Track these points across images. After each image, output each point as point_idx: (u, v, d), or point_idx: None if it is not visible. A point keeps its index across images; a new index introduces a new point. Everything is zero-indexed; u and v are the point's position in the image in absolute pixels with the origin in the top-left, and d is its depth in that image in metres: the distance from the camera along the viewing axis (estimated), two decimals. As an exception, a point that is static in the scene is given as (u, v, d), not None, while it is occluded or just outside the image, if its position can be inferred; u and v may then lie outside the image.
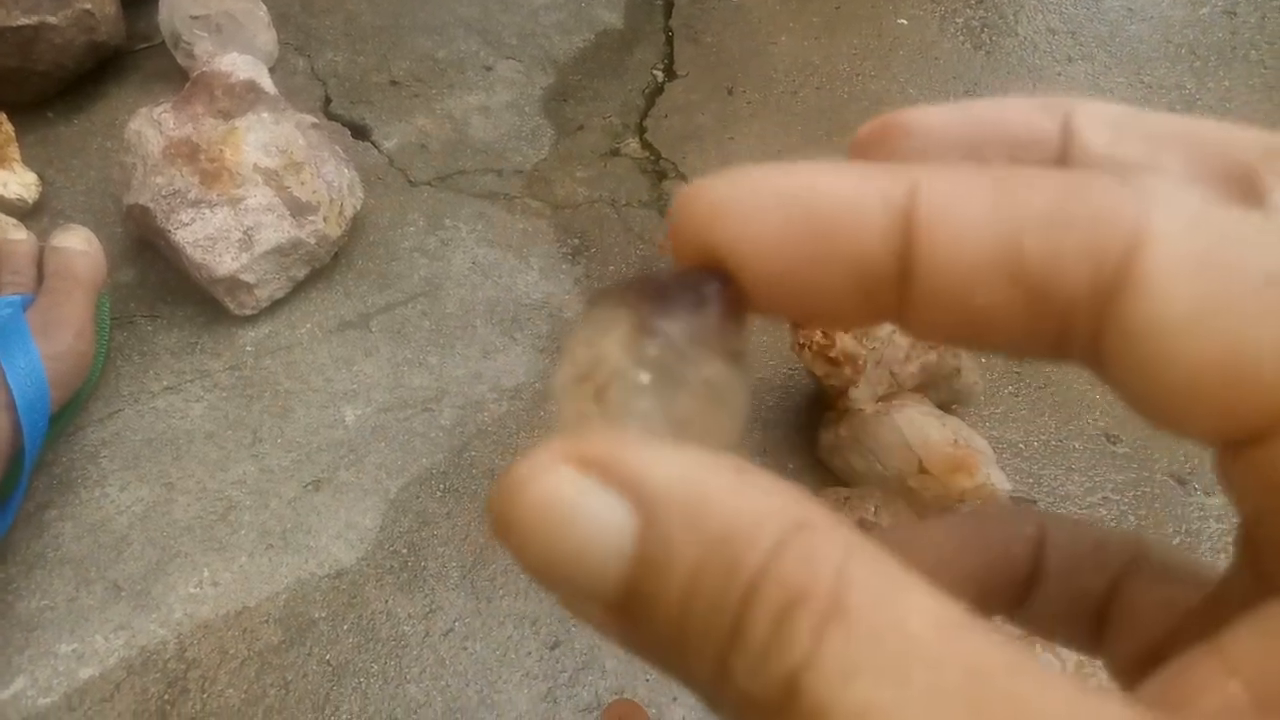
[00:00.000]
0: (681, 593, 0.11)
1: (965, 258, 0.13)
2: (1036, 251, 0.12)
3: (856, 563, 0.11)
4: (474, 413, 0.69)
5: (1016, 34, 1.05)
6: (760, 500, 0.12)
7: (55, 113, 0.83)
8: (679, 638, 0.12)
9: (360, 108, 0.89)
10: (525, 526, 0.12)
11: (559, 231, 0.81)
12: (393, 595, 0.60)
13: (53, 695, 0.54)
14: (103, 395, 0.66)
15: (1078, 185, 0.13)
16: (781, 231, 0.14)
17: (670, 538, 0.11)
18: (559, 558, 0.12)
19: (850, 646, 0.11)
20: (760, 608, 0.11)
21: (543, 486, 0.12)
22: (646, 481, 0.12)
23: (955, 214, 0.13)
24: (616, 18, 1.02)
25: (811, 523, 0.11)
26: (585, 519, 0.12)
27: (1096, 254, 0.12)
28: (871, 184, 0.13)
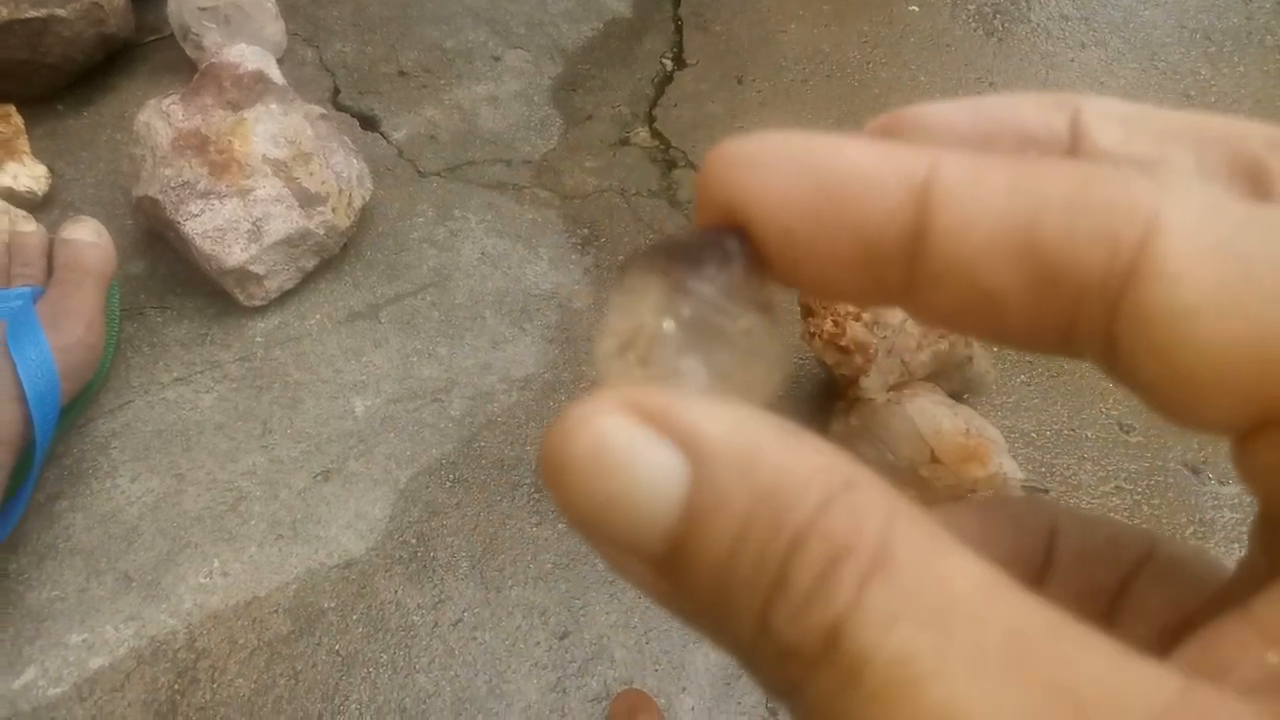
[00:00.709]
0: (729, 542, 0.11)
1: (978, 236, 0.13)
2: (1051, 234, 0.12)
3: (901, 522, 0.11)
4: (483, 403, 0.69)
5: (1029, 20, 1.04)
6: (811, 458, 0.12)
7: (65, 105, 0.83)
8: (722, 589, 0.12)
9: (369, 98, 0.89)
10: (578, 470, 0.12)
11: (568, 221, 0.81)
12: (402, 585, 0.60)
13: (63, 685, 0.55)
14: (113, 387, 0.67)
15: (1095, 173, 0.13)
16: (799, 192, 0.14)
17: (721, 488, 0.12)
18: (610, 503, 0.12)
19: (893, 598, 0.11)
20: (805, 558, 0.11)
21: (598, 430, 0.12)
22: (700, 433, 0.12)
23: (972, 193, 0.13)
24: (625, 6, 1.01)
25: (859, 482, 0.12)
26: (639, 465, 0.12)
27: (1112, 239, 0.12)
28: (893, 159, 0.13)
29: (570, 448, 0.12)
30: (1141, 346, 0.12)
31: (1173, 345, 0.12)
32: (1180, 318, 0.12)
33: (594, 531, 0.12)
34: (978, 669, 0.10)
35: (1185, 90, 0.97)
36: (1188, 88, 0.98)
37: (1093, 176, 0.12)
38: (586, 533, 0.12)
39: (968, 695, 0.10)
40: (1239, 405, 0.12)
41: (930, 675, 0.10)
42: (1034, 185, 0.13)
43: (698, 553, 0.12)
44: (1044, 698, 0.10)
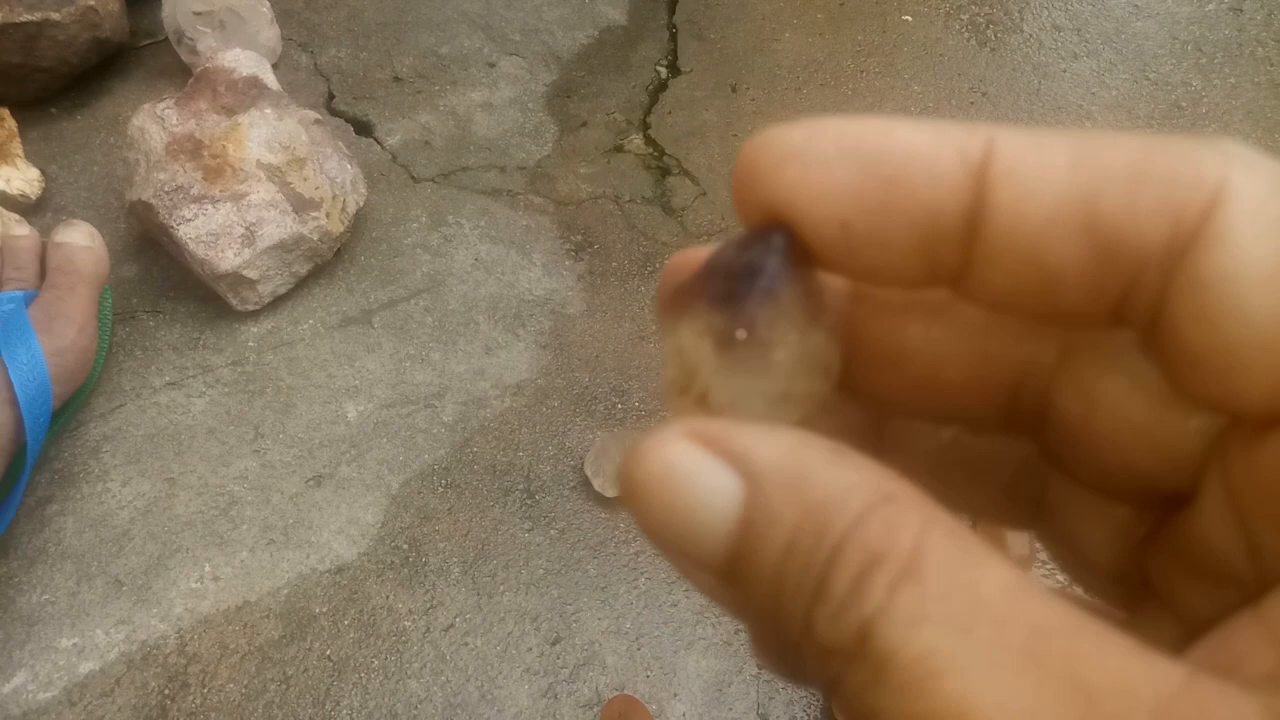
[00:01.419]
0: (779, 552, 0.12)
1: (1040, 210, 0.13)
2: (1114, 205, 0.12)
3: (935, 533, 0.12)
4: (476, 409, 0.69)
5: (1022, 30, 1.05)
6: (852, 474, 0.13)
7: (59, 109, 0.83)
8: (775, 594, 0.13)
9: (363, 104, 0.89)
10: (649, 491, 0.13)
11: (562, 228, 0.81)
12: (394, 591, 0.60)
13: (53, 690, 0.54)
14: (105, 390, 0.66)
15: (1158, 145, 0.13)
16: (851, 178, 0.14)
17: (772, 504, 0.13)
18: (677, 518, 0.13)
19: (920, 601, 0.11)
20: (843, 565, 0.12)
21: (664, 456, 0.13)
22: (753, 456, 0.13)
23: (1032, 168, 0.13)
24: (620, 14, 1.02)
25: (897, 495, 0.12)
26: (700, 485, 0.13)
27: (1176, 209, 0.12)
28: (948, 137, 0.13)
29: (642, 471, 0.13)
30: (1193, 312, 0.12)
31: (1225, 311, 0.12)
32: (1236, 284, 0.12)
33: (666, 544, 0.14)
34: (994, 664, 0.11)
35: (1176, 101, 0.98)
36: (1179, 99, 0.98)
37: (1155, 148, 0.13)
38: (660, 546, 0.14)
39: (982, 687, 0.11)
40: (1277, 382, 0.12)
41: (948, 669, 0.11)
42: (1096, 158, 0.13)
43: (753, 562, 0.13)
44: (1055, 688, 0.11)
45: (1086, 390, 0.16)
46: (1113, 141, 0.13)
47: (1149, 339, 0.14)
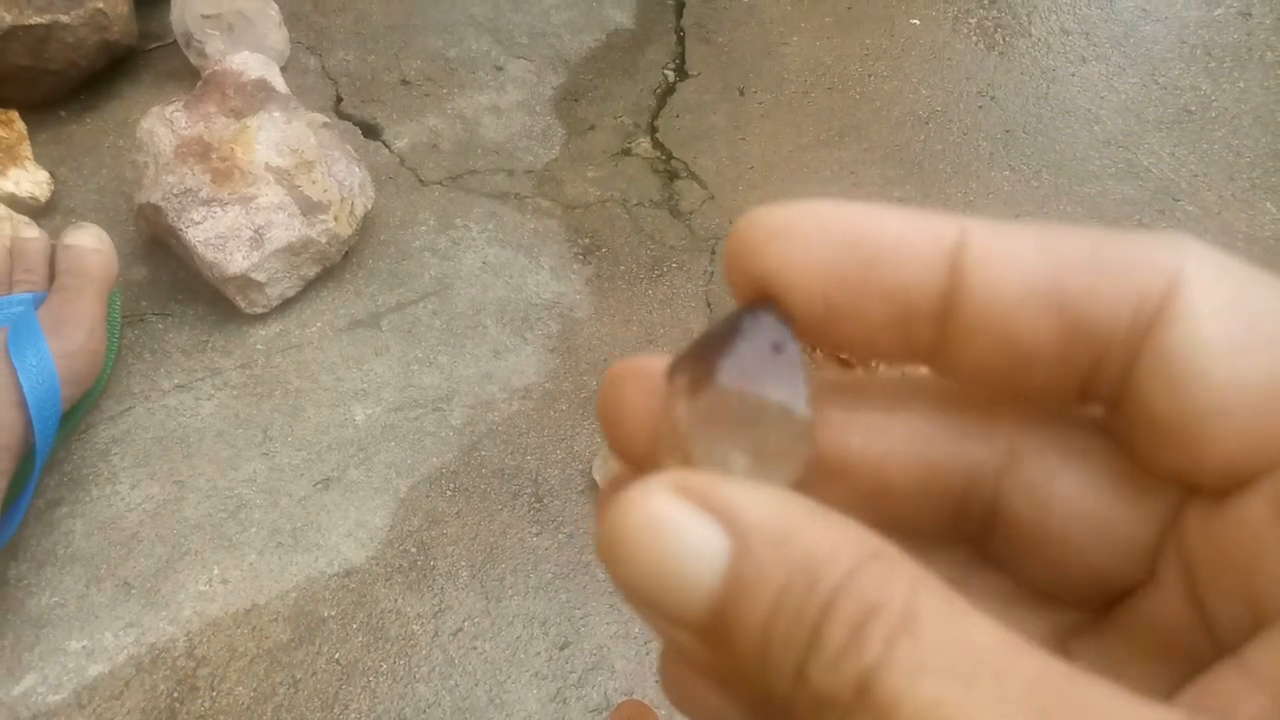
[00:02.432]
0: (767, 607, 0.13)
1: (1012, 292, 0.14)
2: (1080, 288, 0.14)
3: (925, 588, 0.12)
4: (484, 412, 0.69)
5: (1030, 35, 1.04)
6: (839, 533, 0.13)
7: (67, 111, 0.83)
8: (761, 649, 0.13)
9: (371, 107, 0.89)
10: (630, 544, 0.13)
11: (570, 231, 0.81)
12: (402, 594, 0.60)
13: (62, 692, 0.54)
14: (114, 393, 0.66)
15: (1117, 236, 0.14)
16: (834, 257, 0.15)
17: (759, 559, 0.13)
18: (658, 574, 0.13)
19: (920, 652, 0.11)
20: (838, 617, 0.12)
21: (651, 506, 0.13)
22: (740, 512, 0.13)
23: (1003, 253, 0.14)
24: (628, 17, 1.02)
25: (886, 553, 0.13)
26: (686, 538, 0.13)
27: (1138, 291, 0.13)
28: (925, 224, 0.15)
29: (625, 523, 0.13)
30: (1159, 383, 0.13)
31: (1189, 380, 0.13)
32: (1199, 356, 0.13)
33: (644, 601, 0.13)
34: (1002, 714, 0.11)
35: (1186, 105, 0.98)
36: (1188, 103, 0.98)
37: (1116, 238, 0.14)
38: (637, 602, 0.14)
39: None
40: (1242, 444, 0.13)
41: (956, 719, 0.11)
42: (1061, 246, 0.14)
43: (739, 617, 0.13)
44: None
45: (1038, 490, 0.16)
46: (1075, 232, 0.14)
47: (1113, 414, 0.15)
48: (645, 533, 0.13)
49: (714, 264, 0.80)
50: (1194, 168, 0.91)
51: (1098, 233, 0.14)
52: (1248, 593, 0.14)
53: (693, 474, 0.14)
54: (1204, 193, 0.89)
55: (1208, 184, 0.90)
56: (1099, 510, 0.16)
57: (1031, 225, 0.14)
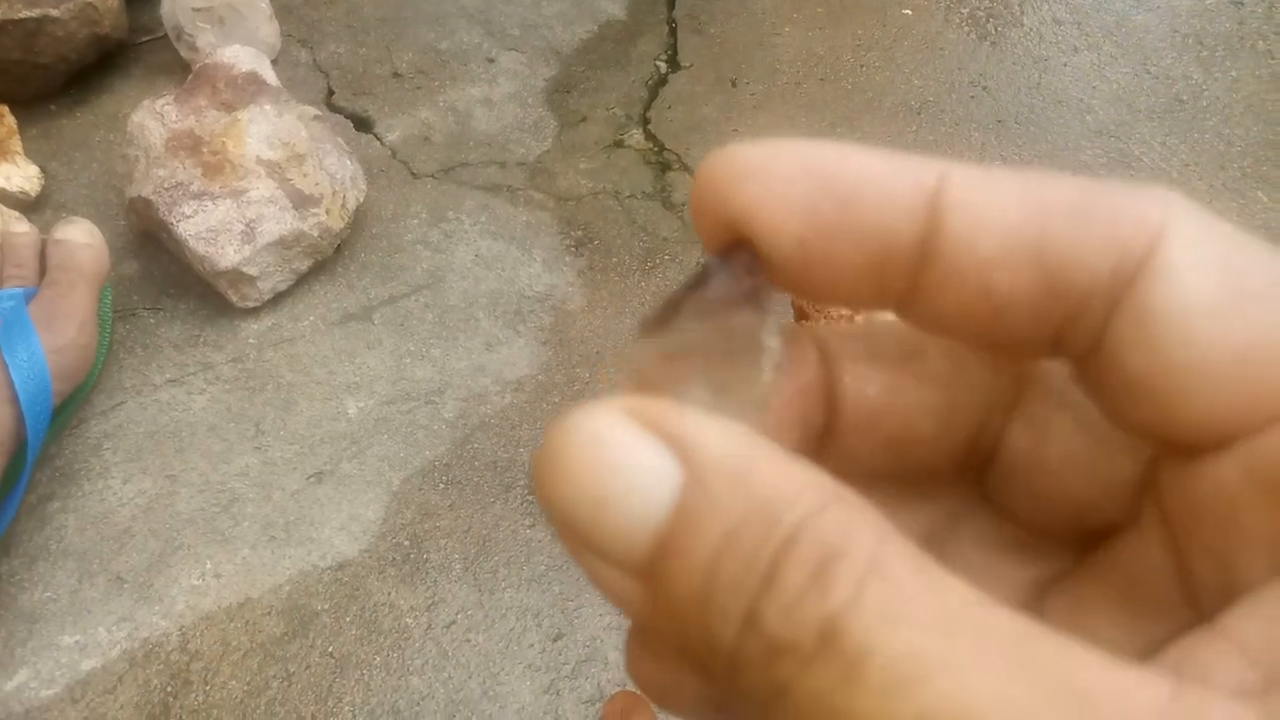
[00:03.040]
0: (716, 546, 0.11)
1: (990, 240, 0.13)
2: (1062, 239, 0.13)
3: (892, 541, 0.11)
4: (477, 405, 0.69)
5: (1022, 24, 1.04)
6: (803, 474, 0.12)
7: (58, 105, 0.83)
8: (705, 592, 0.11)
9: (363, 100, 0.88)
10: (572, 466, 0.12)
11: (562, 223, 0.81)
12: (395, 587, 0.60)
13: (55, 687, 0.54)
14: (105, 388, 0.66)
15: (1103, 186, 0.13)
16: (808, 198, 0.14)
17: (713, 493, 0.11)
18: (600, 501, 0.12)
19: (893, 600, 0.11)
20: (798, 556, 0.11)
21: (597, 428, 0.12)
22: (697, 443, 0.12)
23: (984, 200, 0.13)
24: (619, 8, 1.01)
25: (851, 500, 0.12)
26: (633, 465, 0.12)
27: (1121, 244, 0.13)
28: (904, 165, 0.14)
29: (567, 444, 0.12)
30: (1137, 339, 0.13)
31: (1169, 338, 0.13)
32: (1179, 314, 0.13)
33: (580, 533, 0.12)
34: (985, 667, 0.10)
35: (1178, 94, 0.98)
36: (1180, 92, 0.98)
37: (1101, 188, 0.13)
38: (571, 533, 0.12)
39: (977, 690, 0.10)
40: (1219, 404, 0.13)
41: (938, 670, 0.10)
42: (1044, 195, 0.13)
43: (684, 555, 0.12)
44: (1053, 694, 0.10)
45: (1037, 425, 0.16)
46: (1059, 181, 0.13)
47: (1084, 369, 0.14)
48: (587, 454, 0.12)
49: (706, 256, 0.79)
50: (1185, 157, 0.91)
51: (1082, 182, 0.14)
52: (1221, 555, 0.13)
53: (650, 400, 0.12)
54: (1195, 182, 0.89)
55: (1199, 173, 0.90)
56: (1090, 444, 0.16)
57: (1015, 172, 0.14)
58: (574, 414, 0.12)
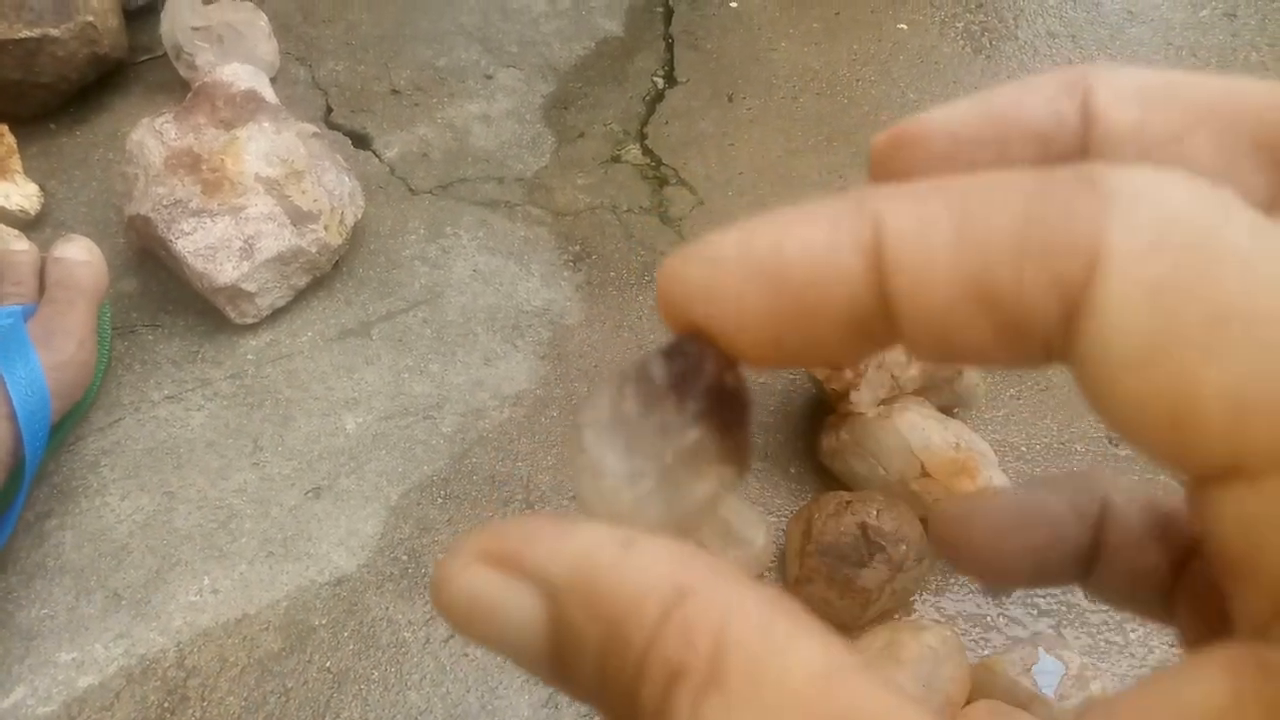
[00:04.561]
0: (594, 666, 0.13)
1: (937, 297, 0.13)
2: (1005, 286, 0.12)
3: (736, 625, 0.12)
4: (475, 420, 0.69)
5: (1016, 38, 1.05)
6: (643, 574, 0.13)
7: (57, 124, 0.83)
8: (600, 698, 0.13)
9: (361, 117, 0.89)
10: (454, 619, 0.14)
11: (560, 239, 0.81)
12: (393, 602, 0.60)
13: (52, 704, 0.54)
14: (104, 404, 0.67)
15: (1039, 200, 0.12)
16: (764, 303, 0.14)
17: (574, 621, 0.13)
18: (489, 641, 0.14)
19: (724, 713, 0.11)
20: (648, 684, 0.12)
21: (460, 586, 0.14)
22: (547, 572, 0.13)
23: (920, 251, 0.13)
24: (617, 25, 1.02)
25: (693, 588, 0.12)
26: (500, 612, 0.13)
27: (1060, 280, 0.12)
28: (837, 232, 0.13)
29: (444, 601, 0.14)
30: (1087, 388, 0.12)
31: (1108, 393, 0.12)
32: (1112, 367, 0.12)
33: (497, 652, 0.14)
34: None
35: (1172, 106, 0.98)
36: (1174, 104, 0.98)
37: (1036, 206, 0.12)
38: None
39: None
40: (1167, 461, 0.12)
41: None
42: (978, 228, 0.12)
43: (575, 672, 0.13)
44: None
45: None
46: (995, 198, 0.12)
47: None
48: (465, 611, 0.14)
49: (704, 269, 0.80)
50: (1181, 169, 0.92)
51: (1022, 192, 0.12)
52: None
53: (500, 535, 0.14)
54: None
55: (1195, 185, 0.90)
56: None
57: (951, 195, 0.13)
58: (442, 569, 0.14)
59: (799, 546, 0.60)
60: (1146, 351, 0.11)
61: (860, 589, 0.57)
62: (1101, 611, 0.63)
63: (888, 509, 0.58)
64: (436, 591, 0.14)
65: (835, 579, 0.57)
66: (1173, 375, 0.11)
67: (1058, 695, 0.54)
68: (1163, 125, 0.15)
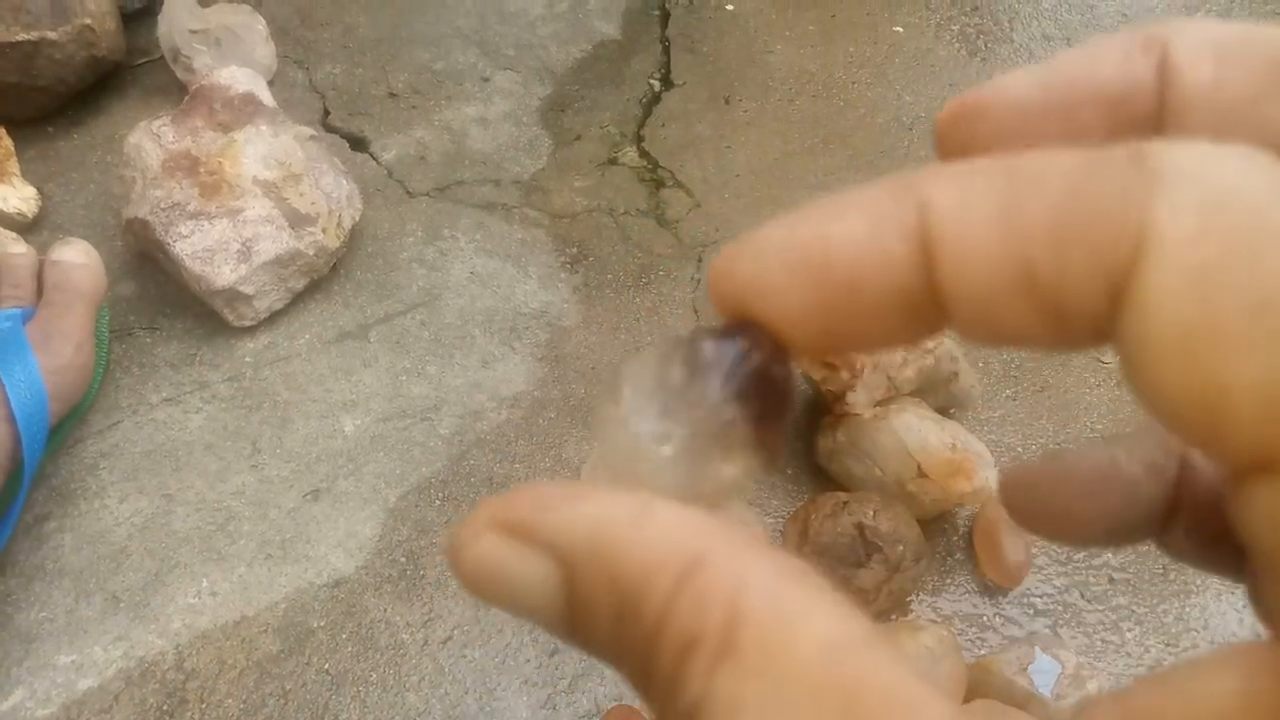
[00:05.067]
0: (609, 632, 0.13)
1: (983, 282, 0.13)
2: (1047, 271, 0.12)
3: (750, 594, 0.12)
4: (473, 422, 0.69)
5: (1012, 41, 1.05)
6: (658, 543, 0.13)
7: (55, 127, 0.83)
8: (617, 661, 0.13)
9: (358, 120, 0.89)
10: (472, 586, 0.14)
11: (557, 241, 0.81)
12: (391, 604, 0.60)
13: (51, 707, 0.54)
14: (102, 407, 0.67)
15: (1086, 180, 0.12)
16: (813, 299, 0.14)
17: (588, 587, 0.13)
18: (505, 605, 0.14)
19: (737, 683, 0.11)
20: (663, 653, 0.12)
21: (473, 554, 0.14)
22: (561, 539, 0.13)
23: (966, 237, 0.13)
24: (613, 28, 1.02)
25: (707, 557, 0.12)
26: (515, 579, 0.14)
27: (1104, 267, 0.12)
28: (881, 220, 0.13)
29: (459, 570, 0.14)
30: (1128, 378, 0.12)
31: (1148, 384, 0.12)
32: (1151, 358, 0.11)
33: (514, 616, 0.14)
34: None
35: (1167, 108, 0.98)
36: (1169, 106, 0.99)
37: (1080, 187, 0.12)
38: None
39: None
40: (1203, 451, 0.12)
41: None
42: (1022, 211, 0.12)
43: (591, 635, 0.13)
44: None
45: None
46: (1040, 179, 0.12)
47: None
48: (479, 579, 0.14)
49: (700, 271, 0.80)
50: (1176, 170, 0.92)
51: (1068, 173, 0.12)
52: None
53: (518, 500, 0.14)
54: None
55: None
56: None
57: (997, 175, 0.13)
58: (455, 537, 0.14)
59: (796, 547, 0.60)
60: (1186, 341, 0.11)
61: (857, 589, 0.57)
62: (1098, 611, 0.63)
63: (884, 510, 0.59)
64: (450, 557, 0.14)
65: (832, 579, 0.57)
66: (1208, 367, 0.11)
67: (1054, 694, 0.54)
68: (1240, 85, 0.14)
